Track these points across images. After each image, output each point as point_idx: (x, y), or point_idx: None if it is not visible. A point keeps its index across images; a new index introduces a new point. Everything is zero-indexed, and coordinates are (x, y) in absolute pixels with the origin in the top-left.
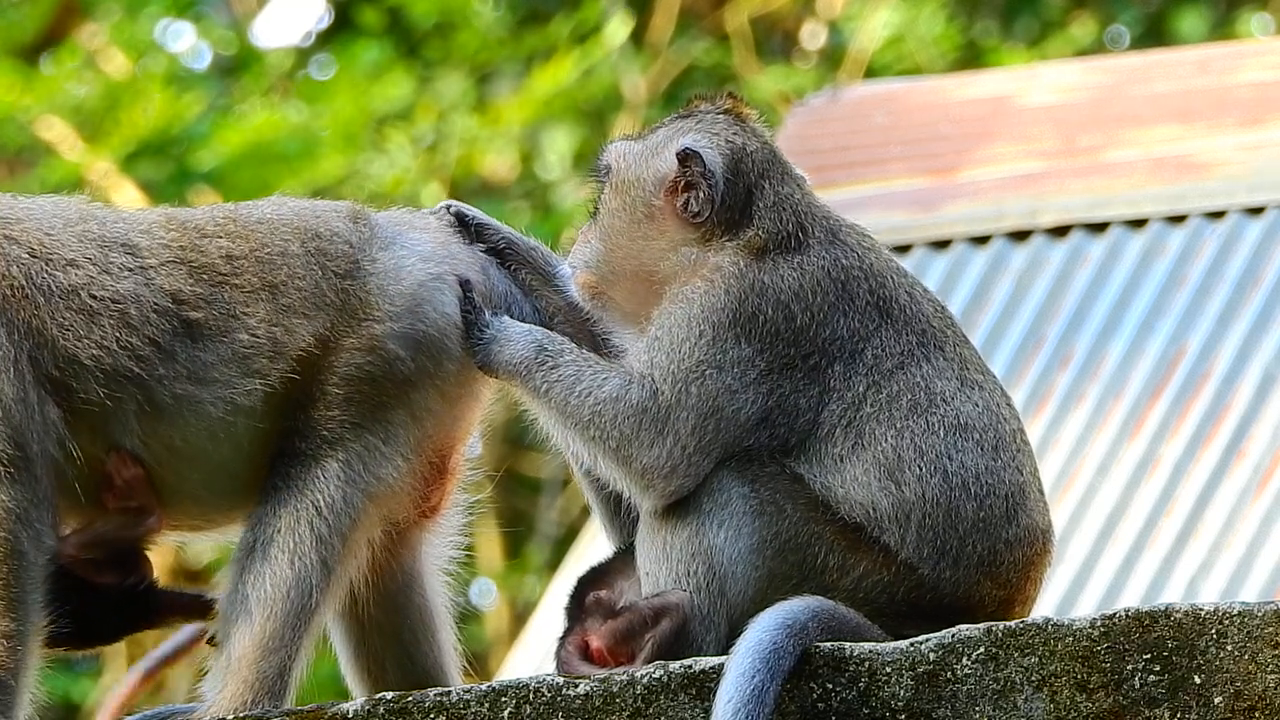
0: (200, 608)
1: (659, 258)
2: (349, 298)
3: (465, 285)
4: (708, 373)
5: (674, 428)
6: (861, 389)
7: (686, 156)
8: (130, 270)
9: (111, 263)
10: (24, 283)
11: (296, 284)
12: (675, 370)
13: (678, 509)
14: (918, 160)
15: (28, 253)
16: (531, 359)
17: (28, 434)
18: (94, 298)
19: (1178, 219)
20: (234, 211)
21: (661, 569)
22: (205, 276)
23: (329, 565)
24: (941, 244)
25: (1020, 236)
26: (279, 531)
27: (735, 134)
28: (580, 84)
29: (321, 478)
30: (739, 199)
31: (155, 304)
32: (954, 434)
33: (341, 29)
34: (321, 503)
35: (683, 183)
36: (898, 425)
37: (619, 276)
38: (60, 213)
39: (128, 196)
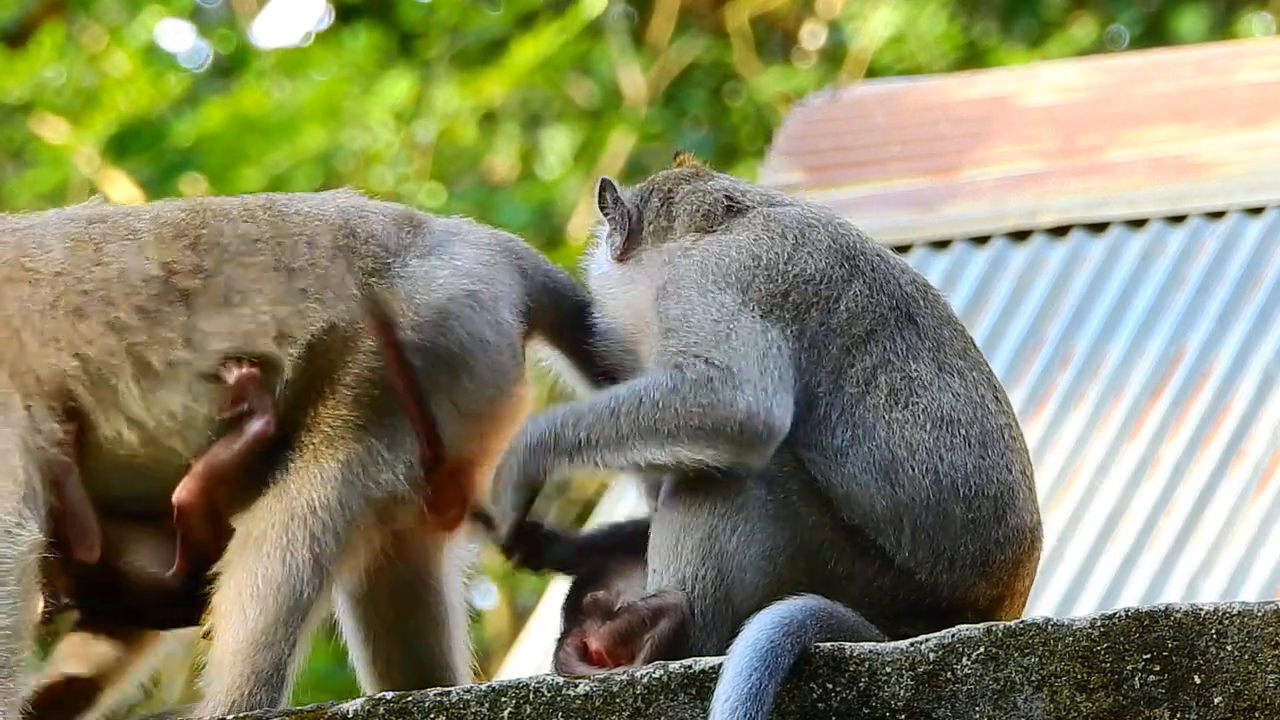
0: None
1: (633, 305)
2: (373, 294)
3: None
4: (736, 316)
5: (743, 375)
6: (836, 350)
7: (603, 187)
8: (124, 253)
9: (105, 253)
10: (19, 324)
11: (317, 271)
12: (714, 331)
13: (693, 507)
14: (918, 160)
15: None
16: (553, 431)
17: (3, 430)
18: (82, 294)
19: (1177, 219)
20: (270, 201)
21: (670, 568)
22: (208, 250)
23: (321, 563)
24: (941, 244)
25: (1020, 236)
26: (273, 527)
27: (657, 173)
28: (561, 52)
29: (319, 476)
30: (656, 208)
31: (145, 273)
32: (939, 429)
33: (340, 28)
34: (316, 501)
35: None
36: (886, 418)
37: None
38: (61, 240)
39: (118, 186)
